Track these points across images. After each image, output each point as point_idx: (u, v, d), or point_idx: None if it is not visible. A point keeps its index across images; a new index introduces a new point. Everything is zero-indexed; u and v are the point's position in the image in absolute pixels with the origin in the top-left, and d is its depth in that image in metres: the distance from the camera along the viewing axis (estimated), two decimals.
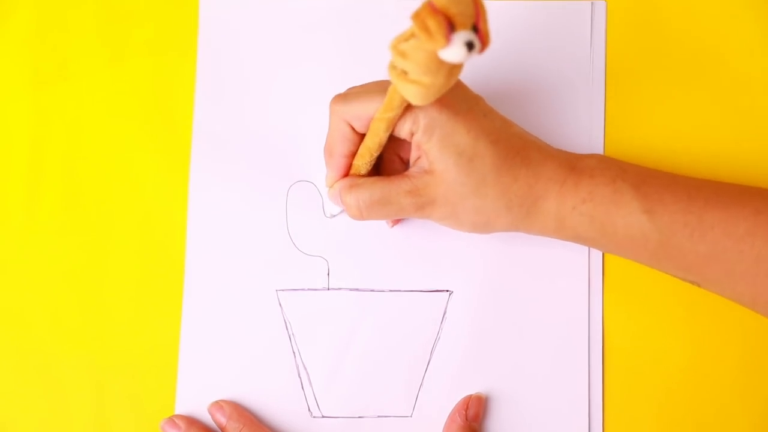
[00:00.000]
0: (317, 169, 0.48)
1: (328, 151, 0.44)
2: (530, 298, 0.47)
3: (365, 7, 0.49)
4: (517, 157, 0.42)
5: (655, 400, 0.47)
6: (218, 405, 0.46)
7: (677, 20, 0.49)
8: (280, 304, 0.47)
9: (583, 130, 0.48)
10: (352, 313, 0.47)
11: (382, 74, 0.45)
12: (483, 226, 0.43)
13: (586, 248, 0.47)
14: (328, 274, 0.47)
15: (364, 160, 0.43)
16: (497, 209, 0.42)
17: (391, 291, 0.47)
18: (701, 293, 0.47)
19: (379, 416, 0.47)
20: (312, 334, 0.47)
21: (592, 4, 0.49)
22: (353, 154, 0.43)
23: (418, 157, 0.42)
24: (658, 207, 0.41)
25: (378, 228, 0.48)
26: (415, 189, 0.41)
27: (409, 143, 0.42)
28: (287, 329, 0.47)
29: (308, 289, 0.47)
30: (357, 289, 0.47)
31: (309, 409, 0.47)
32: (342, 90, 0.43)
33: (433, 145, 0.40)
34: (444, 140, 0.40)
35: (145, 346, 0.47)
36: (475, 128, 0.41)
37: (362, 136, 0.42)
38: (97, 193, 0.48)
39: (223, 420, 0.45)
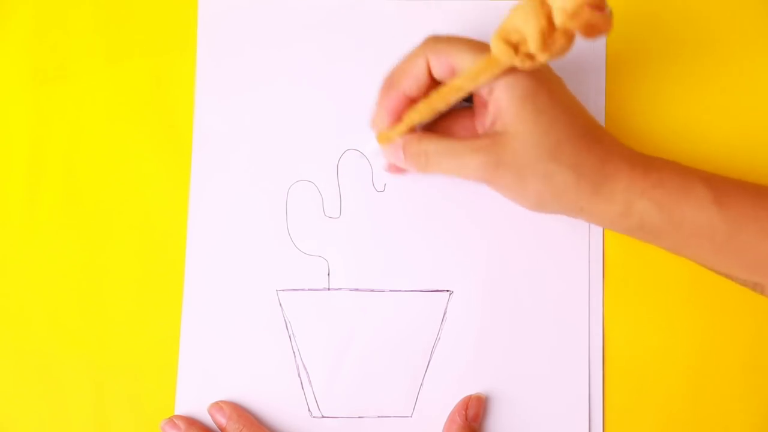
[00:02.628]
0: (317, 169, 0.48)
1: (389, 83, 0.43)
2: (530, 298, 0.47)
3: (365, 7, 0.49)
4: (591, 133, 0.41)
5: (655, 400, 0.47)
6: (218, 406, 0.46)
7: (677, 19, 0.49)
8: (280, 304, 0.47)
9: None
10: (352, 313, 0.47)
11: (382, 74, 0.45)
12: (547, 200, 0.41)
13: (587, 248, 0.47)
14: (328, 274, 0.47)
15: (418, 116, 0.42)
16: (566, 180, 0.40)
17: (391, 291, 0.47)
18: (701, 293, 0.47)
19: (379, 416, 0.47)
20: (312, 334, 0.47)
21: None
22: (410, 99, 0.42)
23: (494, 119, 0.41)
24: (728, 199, 0.41)
25: (378, 228, 0.48)
26: (486, 146, 0.40)
27: (475, 116, 0.42)
28: (287, 329, 0.47)
29: (308, 289, 0.47)
30: (357, 289, 0.47)
31: (309, 409, 0.47)
32: (342, 92, 0.43)
33: (513, 101, 0.40)
34: (525, 98, 0.40)
35: (145, 346, 0.47)
36: (556, 95, 0.40)
37: (431, 84, 0.42)
38: (97, 193, 0.48)
39: (222, 421, 0.45)
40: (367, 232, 0.48)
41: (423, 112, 0.41)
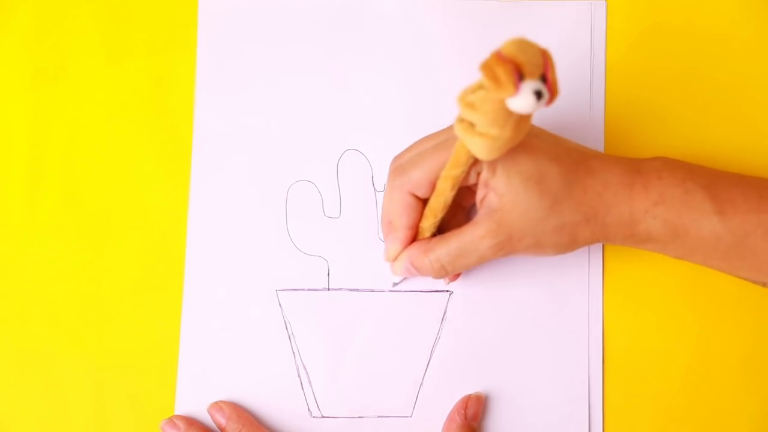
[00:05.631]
0: (317, 169, 0.48)
1: (389, 225, 0.43)
2: (530, 298, 0.47)
3: (365, 7, 0.49)
4: (581, 169, 0.41)
5: (655, 400, 0.47)
6: (218, 406, 0.46)
7: (677, 20, 0.49)
8: (280, 304, 0.47)
9: (583, 130, 0.48)
10: (352, 313, 0.47)
11: (382, 74, 0.45)
12: (567, 245, 0.42)
13: (587, 249, 0.47)
14: (328, 274, 0.47)
15: (429, 223, 0.42)
16: (577, 223, 0.41)
17: (391, 291, 0.47)
18: (701, 293, 0.47)
19: (379, 416, 0.47)
20: (312, 334, 0.47)
21: (591, 4, 0.49)
22: (417, 224, 0.43)
23: (484, 197, 0.41)
24: (730, 208, 0.41)
25: (378, 228, 0.48)
26: (490, 230, 0.40)
27: (469, 190, 0.42)
28: (287, 329, 0.47)
29: (308, 289, 0.47)
30: (357, 289, 0.47)
31: (309, 409, 0.47)
32: (341, 92, 0.43)
33: (499, 178, 0.40)
34: (508, 171, 0.39)
35: (145, 346, 0.47)
36: (534, 152, 0.40)
37: (426, 202, 0.42)
38: (97, 193, 0.48)
39: (222, 421, 0.45)
40: (367, 232, 0.48)
41: (429, 218, 0.42)
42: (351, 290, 0.47)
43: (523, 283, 0.47)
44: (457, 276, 0.46)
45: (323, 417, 0.47)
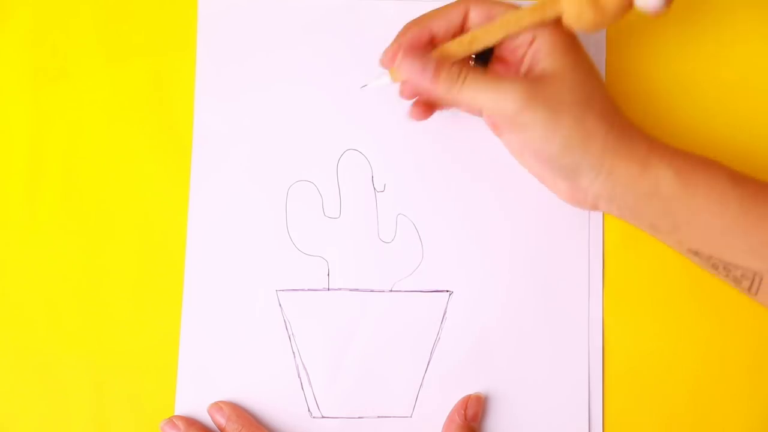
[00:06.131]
0: (317, 169, 0.48)
1: (415, 21, 0.43)
2: (530, 298, 0.47)
3: (365, 7, 0.49)
4: (616, 123, 0.42)
5: (655, 400, 0.47)
6: (217, 406, 0.46)
7: (677, 20, 0.49)
8: (280, 304, 0.47)
9: None
10: (352, 313, 0.47)
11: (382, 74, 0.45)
12: (575, 144, 0.41)
13: (586, 249, 0.47)
14: (328, 274, 0.47)
15: (458, 50, 0.42)
16: (597, 126, 0.41)
17: (391, 291, 0.47)
18: (701, 293, 0.47)
19: (379, 416, 0.47)
20: (312, 334, 0.47)
21: None
22: (434, 39, 0.43)
23: (529, 69, 0.42)
24: (744, 179, 0.42)
25: (378, 228, 0.48)
26: (526, 81, 0.41)
27: (518, 58, 0.43)
28: (287, 329, 0.47)
29: (308, 290, 0.47)
30: (357, 290, 0.47)
31: (309, 410, 0.47)
32: (341, 92, 0.43)
33: (555, 49, 0.41)
34: (567, 48, 0.42)
35: (145, 346, 0.47)
36: (590, 57, 0.43)
37: (461, 33, 0.43)
38: (97, 193, 0.48)
39: (222, 421, 0.45)
40: (367, 232, 0.48)
41: (463, 45, 0.42)
42: (351, 290, 0.47)
43: (523, 283, 0.47)
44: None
45: (323, 417, 0.47)
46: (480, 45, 0.42)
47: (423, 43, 0.43)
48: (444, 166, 0.48)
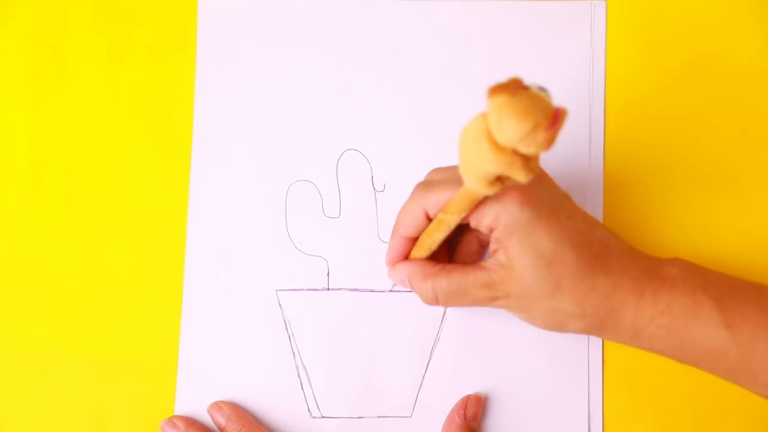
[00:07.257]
0: (317, 169, 0.48)
1: (395, 228, 0.43)
2: None
3: (365, 8, 0.49)
4: (597, 263, 0.40)
5: (655, 400, 0.47)
6: (217, 406, 0.46)
7: (677, 20, 0.49)
8: (280, 304, 0.47)
9: (583, 130, 0.48)
10: (351, 313, 0.47)
11: (382, 74, 0.45)
12: (556, 326, 0.42)
13: None
14: (328, 274, 0.47)
15: (423, 252, 0.43)
16: (571, 314, 0.41)
17: (391, 291, 0.47)
18: None
19: (379, 416, 0.47)
20: (312, 334, 0.47)
21: (591, 4, 0.49)
22: (416, 241, 0.43)
23: (496, 250, 0.41)
24: (739, 321, 0.40)
25: (378, 228, 0.48)
26: (491, 283, 0.41)
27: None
28: (287, 329, 0.47)
29: (308, 289, 0.47)
30: (357, 289, 0.47)
31: (309, 410, 0.47)
32: (341, 92, 0.43)
33: (512, 243, 0.39)
34: (524, 241, 0.39)
35: (145, 346, 0.47)
36: (557, 231, 0.40)
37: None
38: (97, 193, 0.48)
39: (222, 421, 0.45)
40: (367, 232, 0.48)
41: (424, 247, 0.42)
42: (351, 290, 0.47)
43: None
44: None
45: (323, 417, 0.47)
46: (438, 240, 0.41)
47: (406, 249, 0.43)
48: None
